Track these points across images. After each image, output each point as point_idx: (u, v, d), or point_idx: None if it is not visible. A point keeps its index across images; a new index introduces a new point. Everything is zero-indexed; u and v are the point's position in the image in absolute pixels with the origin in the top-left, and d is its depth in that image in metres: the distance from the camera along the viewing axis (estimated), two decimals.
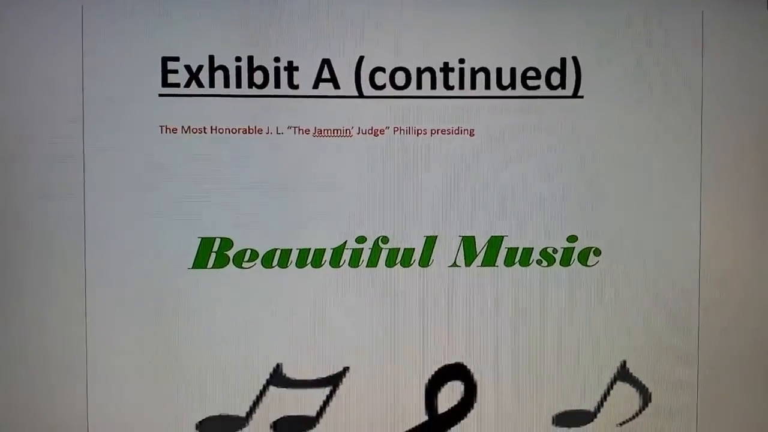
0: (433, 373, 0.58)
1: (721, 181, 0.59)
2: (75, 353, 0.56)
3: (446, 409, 0.58)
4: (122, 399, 0.56)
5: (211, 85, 0.56)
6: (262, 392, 0.57)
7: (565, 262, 0.58)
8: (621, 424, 0.59)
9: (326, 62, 0.56)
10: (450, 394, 0.58)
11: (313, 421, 0.58)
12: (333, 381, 0.58)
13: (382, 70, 0.56)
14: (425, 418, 0.58)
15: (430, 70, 0.57)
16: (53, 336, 0.56)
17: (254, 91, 0.56)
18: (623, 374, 0.59)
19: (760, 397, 0.60)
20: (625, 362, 0.59)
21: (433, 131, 0.57)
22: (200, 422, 0.57)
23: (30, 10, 0.54)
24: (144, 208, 0.56)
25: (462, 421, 0.58)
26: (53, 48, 0.55)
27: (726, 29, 0.58)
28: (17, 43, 0.54)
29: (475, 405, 0.58)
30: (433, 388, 0.58)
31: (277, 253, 0.57)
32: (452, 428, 0.58)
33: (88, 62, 0.55)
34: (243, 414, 0.57)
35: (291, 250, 0.57)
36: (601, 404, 0.59)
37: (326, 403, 0.58)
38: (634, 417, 0.59)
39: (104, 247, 0.55)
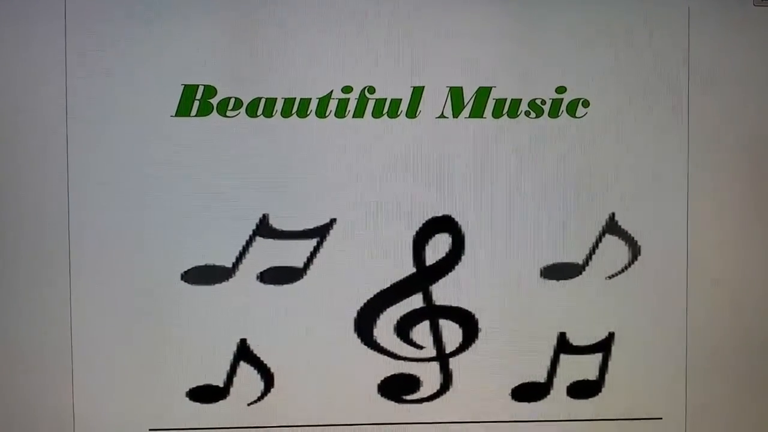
0: (420, 225, 0.58)
1: (707, 182, 0.59)
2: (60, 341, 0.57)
3: (434, 262, 0.58)
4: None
5: None
6: (249, 243, 0.57)
7: (554, 113, 0.58)
8: (610, 278, 0.59)
9: None
10: (438, 247, 0.58)
11: (300, 272, 0.57)
12: (320, 232, 0.57)
13: None
14: (413, 270, 0.58)
15: None
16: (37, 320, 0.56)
17: None
18: (612, 227, 0.58)
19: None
20: (613, 214, 0.58)
21: None
22: (186, 272, 0.56)
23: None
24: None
25: (449, 274, 0.58)
26: (35, 44, 0.55)
27: (712, 25, 0.58)
28: None
29: (462, 257, 0.58)
30: (420, 240, 0.58)
31: (262, 101, 0.56)
32: (439, 280, 0.58)
33: (71, 61, 0.55)
34: (229, 264, 0.57)
35: (276, 99, 0.56)
36: (589, 257, 0.58)
37: (313, 254, 0.57)
38: (623, 270, 0.59)
39: (88, 237, 0.56)
